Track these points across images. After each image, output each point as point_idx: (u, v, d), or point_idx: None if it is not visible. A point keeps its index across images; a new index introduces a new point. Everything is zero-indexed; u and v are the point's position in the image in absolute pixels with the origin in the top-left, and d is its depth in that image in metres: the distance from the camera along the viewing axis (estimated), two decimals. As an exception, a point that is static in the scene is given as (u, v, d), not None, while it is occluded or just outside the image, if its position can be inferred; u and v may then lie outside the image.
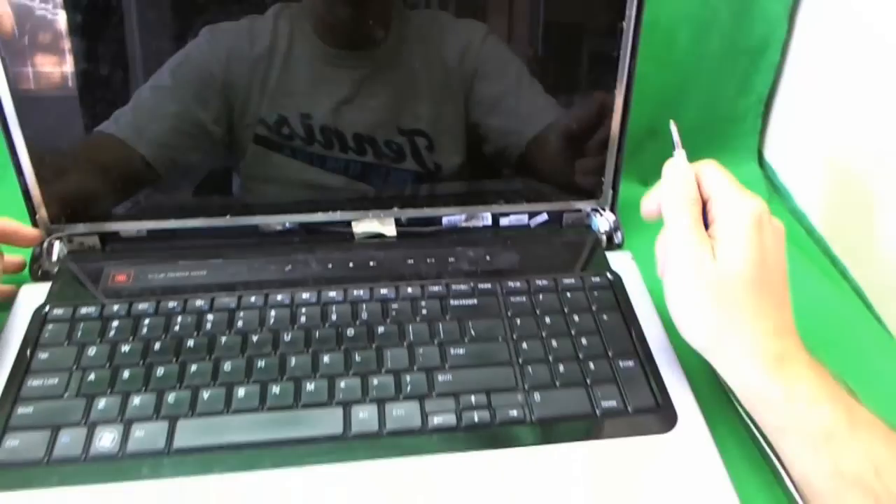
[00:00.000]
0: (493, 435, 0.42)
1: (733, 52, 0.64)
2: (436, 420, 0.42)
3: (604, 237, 0.58)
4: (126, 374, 0.44)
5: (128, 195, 0.54)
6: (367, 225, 0.57)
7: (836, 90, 0.60)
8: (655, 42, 0.60)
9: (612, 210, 0.58)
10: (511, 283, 0.52)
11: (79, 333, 0.47)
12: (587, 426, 0.43)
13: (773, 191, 0.68)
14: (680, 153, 0.45)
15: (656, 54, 0.61)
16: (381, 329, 0.48)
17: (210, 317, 0.48)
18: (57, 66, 0.49)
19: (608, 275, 0.53)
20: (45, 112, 0.50)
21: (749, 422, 0.45)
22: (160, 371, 0.44)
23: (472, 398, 0.43)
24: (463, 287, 0.51)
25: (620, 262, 0.55)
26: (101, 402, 0.43)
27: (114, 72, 0.50)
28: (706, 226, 0.42)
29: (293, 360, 0.45)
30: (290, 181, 0.56)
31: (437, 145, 0.55)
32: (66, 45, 0.48)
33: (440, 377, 0.44)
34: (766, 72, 0.65)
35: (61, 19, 0.48)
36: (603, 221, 0.58)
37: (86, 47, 0.49)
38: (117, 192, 0.54)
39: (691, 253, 0.41)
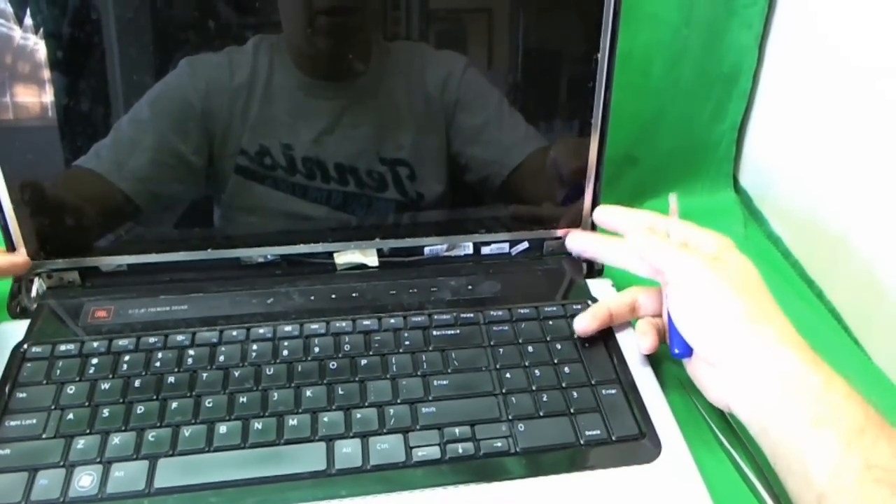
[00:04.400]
0: (478, 467, 0.42)
1: (706, 80, 0.66)
2: (420, 453, 0.42)
3: (584, 264, 0.58)
4: (105, 412, 0.44)
5: (108, 229, 0.54)
6: (349, 256, 0.57)
7: (808, 115, 0.61)
8: (630, 71, 0.61)
9: (592, 237, 0.59)
10: (493, 312, 0.52)
11: (58, 371, 0.46)
12: (572, 456, 0.43)
13: (749, 216, 0.69)
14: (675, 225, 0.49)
15: (632, 83, 0.62)
16: (363, 361, 0.48)
17: (191, 352, 0.48)
18: (36, 98, 0.49)
19: (589, 302, 0.53)
20: (23, 146, 0.50)
21: (731, 448, 0.45)
22: (140, 409, 0.44)
23: (457, 430, 0.43)
24: (445, 317, 0.51)
25: (601, 289, 0.56)
26: (80, 442, 0.42)
27: (93, 105, 0.50)
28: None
29: (275, 395, 0.45)
30: (271, 211, 0.56)
31: (419, 174, 0.56)
32: (46, 77, 0.48)
33: (424, 409, 0.44)
34: (738, 99, 0.67)
35: (41, 52, 0.48)
36: (583, 249, 0.58)
37: (66, 80, 0.49)
38: (97, 227, 0.54)
39: (694, 261, 0.44)
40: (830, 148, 0.59)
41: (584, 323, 0.49)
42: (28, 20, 0.47)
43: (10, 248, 0.52)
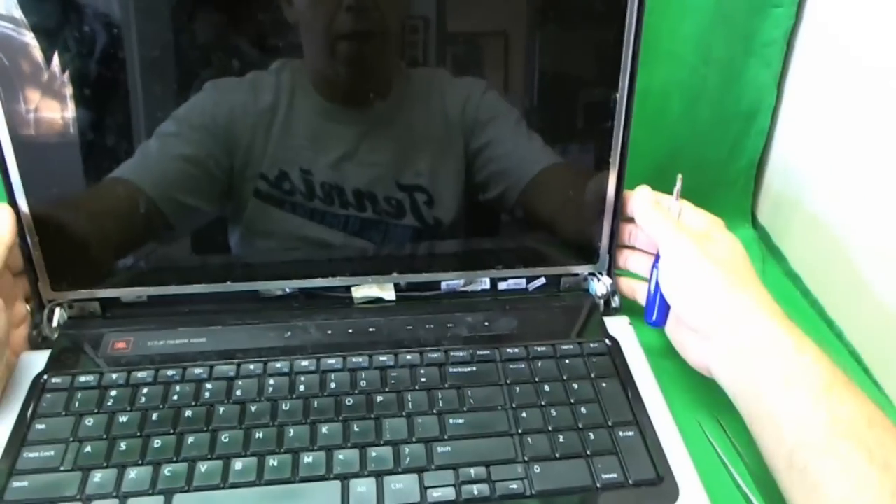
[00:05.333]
0: (493, 509, 0.42)
1: (724, 118, 0.66)
2: (435, 494, 0.42)
3: (601, 302, 0.58)
4: (123, 445, 0.44)
5: (131, 248, 0.54)
6: (367, 290, 0.57)
7: (827, 153, 0.61)
8: (648, 109, 0.62)
9: (609, 274, 0.59)
10: (509, 350, 0.52)
11: (76, 403, 0.47)
12: (588, 500, 0.43)
13: (768, 253, 0.69)
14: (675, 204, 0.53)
15: (649, 120, 0.62)
16: (379, 398, 0.48)
17: (209, 386, 0.48)
18: (62, 120, 0.49)
19: (606, 340, 0.53)
20: (48, 179, 0.51)
21: (749, 492, 0.45)
22: (157, 443, 0.44)
23: (472, 471, 0.43)
24: (462, 354, 0.51)
25: (618, 327, 0.55)
26: (98, 476, 0.42)
27: (119, 125, 0.51)
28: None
29: (291, 431, 0.45)
30: (289, 237, 0.56)
31: (437, 201, 0.56)
32: (71, 106, 0.49)
33: (439, 448, 0.44)
34: (756, 137, 0.67)
35: (67, 76, 0.48)
36: (600, 286, 0.58)
37: (92, 102, 0.49)
38: (120, 249, 0.54)
39: (682, 237, 0.49)
40: (849, 186, 0.59)
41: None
42: (58, 41, 0.47)
43: (34, 278, 0.53)
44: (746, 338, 0.44)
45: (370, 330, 0.54)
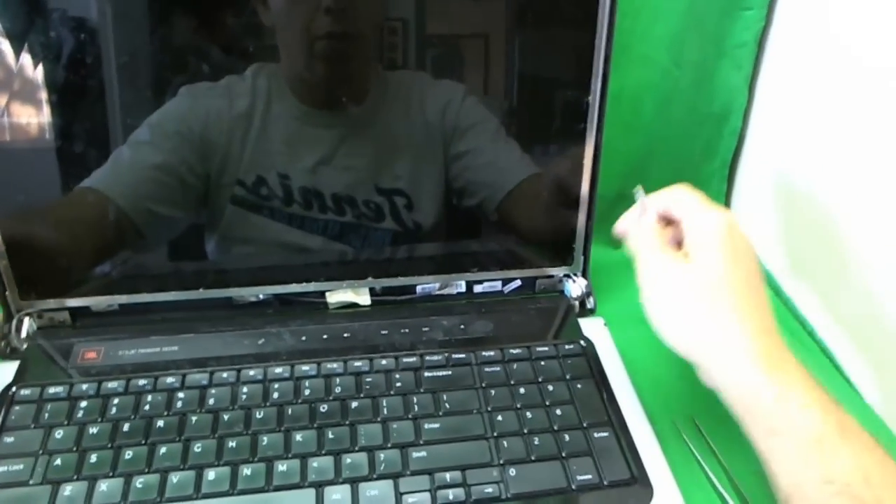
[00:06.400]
0: (468, 514, 0.42)
1: (697, 119, 0.66)
2: (410, 500, 0.42)
3: (576, 303, 0.58)
4: (94, 457, 0.44)
5: (103, 258, 0.53)
6: (342, 295, 0.57)
7: (799, 153, 0.62)
8: (622, 110, 0.62)
9: (584, 275, 0.59)
10: (485, 353, 0.52)
11: (46, 415, 0.46)
12: (563, 501, 0.43)
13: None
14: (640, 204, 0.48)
15: (623, 122, 0.63)
16: (354, 404, 0.47)
17: (181, 395, 0.48)
18: (34, 125, 0.49)
19: (581, 342, 0.53)
20: (17, 187, 0.50)
21: (723, 490, 0.45)
22: (128, 454, 0.44)
23: (448, 475, 0.43)
24: (437, 358, 0.51)
25: (593, 328, 0.56)
26: (68, 489, 0.42)
27: (93, 131, 0.50)
28: (680, 245, 0.44)
29: (265, 440, 0.45)
30: (267, 242, 0.56)
31: (416, 204, 0.56)
32: (45, 103, 0.48)
33: (414, 454, 0.44)
34: (729, 137, 0.67)
35: (40, 80, 0.48)
36: (575, 287, 0.59)
37: (65, 107, 0.49)
38: (91, 258, 0.53)
39: (664, 261, 0.43)
40: (821, 185, 0.59)
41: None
42: (28, 45, 0.47)
43: (1, 288, 0.52)
44: (727, 383, 0.40)
45: (345, 335, 0.53)
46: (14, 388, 0.48)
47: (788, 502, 0.37)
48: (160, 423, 0.46)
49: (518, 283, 0.60)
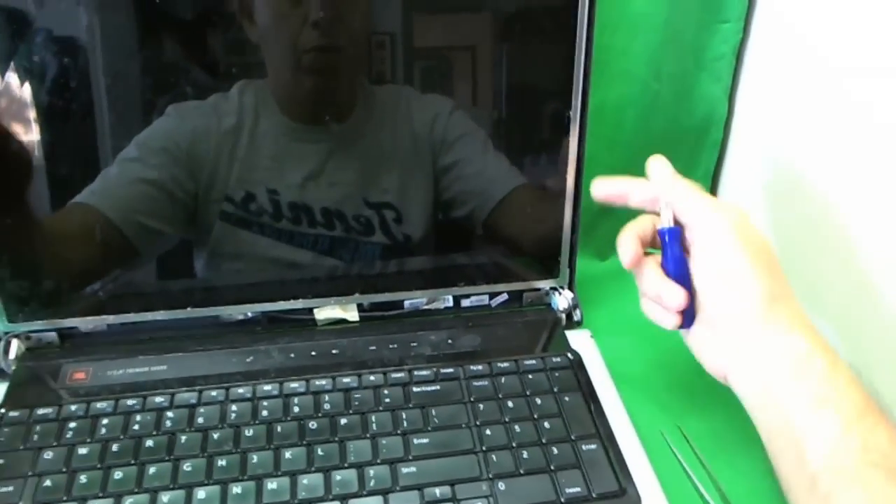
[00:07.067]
0: (458, 529, 0.42)
1: (678, 131, 0.67)
2: (400, 516, 0.42)
3: (563, 316, 0.59)
4: (83, 478, 0.44)
5: (93, 274, 0.53)
6: (330, 311, 0.57)
7: (779, 162, 0.63)
8: (604, 124, 0.63)
9: (571, 288, 0.60)
10: (473, 367, 0.52)
11: (35, 437, 0.46)
12: (552, 515, 0.43)
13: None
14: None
15: (605, 135, 0.64)
16: (343, 420, 0.48)
17: (170, 414, 0.48)
18: (20, 152, 0.49)
19: (568, 354, 0.54)
20: (6, 207, 0.50)
21: (711, 500, 0.45)
22: (118, 474, 0.44)
23: (437, 490, 0.43)
24: (425, 373, 0.51)
25: (580, 340, 0.56)
26: (57, 511, 0.42)
27: (81, 150, 0.50)
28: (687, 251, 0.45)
29: (254, 458, 0.45)
30: (256, 258, 0.56)
31: (405, 217, 0.56)
32: (30, 131, 0.48)
33: (404, 469, 0.44)
34: (710, 149, 0.68)
35: (28, 98, 0.48)
36: (562, 300, 0.59)
37: (53, 126, 0.49)
38: (82, 274, 0.53)
39: (722, 219, 0.43)
40: (802, 193, 0.60)
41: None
42: (15, 64, 0.47)
43: (-12, 310, 0.52)
44: (779, 353, 0.40)
45: (333, 352, 0.54)
46: (3, 411, 0.48)
47: (816, 480, 0.37)
48: (149, 442, 0.46)
49: (505, 296, 0.60)
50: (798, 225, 0.61)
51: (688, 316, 0.45)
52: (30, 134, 0.49)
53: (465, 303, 0.60)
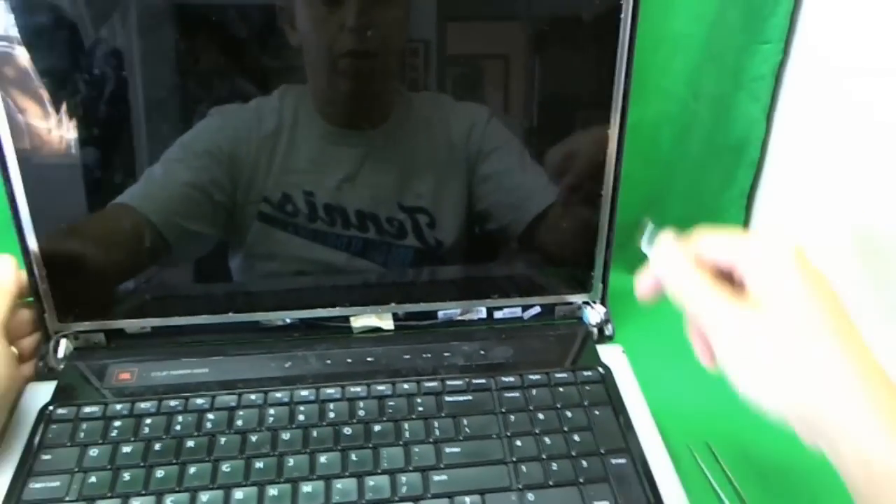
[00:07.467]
0: (487, 538, 0.43)
1: (715, 149, 0.67)
2: (430, 524, 0.43)
3: (595, 330, 0.59)
4: (127, 476, 0.45)
5: (136, 276, 0.55)
6: (366, 320, 0.58)
7: (815, 183, 0.63)
8: (641, 141, 0.63)
9: (603, 303, 0.60)
10: (505, 379, 0.53)
11: (81, 434, 0.48)
12: (580, 527, 0.43)
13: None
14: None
15: (642, 152, 0.64)
16: (377, 427, 0.49)
17: (210, 416, 0.49)
18: (68, 159, 0.51)
19: (599, 369, 0.54)
20: (56, 212, 0.52)
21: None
22: (160, 473, 0.45)
23: (467, 499, 0.44)
24: (458, 383, 0.52)
25: (611, 355, 0.56)
26: (102, 506, 0.43)
27: (124, 152, 0.52)
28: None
29: (291, 461, 0.46)
30: (292, 259, 0.57)
31: (439, 223, 0.57)
32: (78, 137, 0.50)
33: (435, 477, 0.45)
34: (747, 168, 0.68)
35: (73, 114, 0.50)
36: (594, 314, 0.60)
37: (98, 130, 0.51)
38: (127, 275, 0.55)
39: (740, 315, 0.36)
40: (838, 214, 0.60)
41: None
42: (66, 72, 0.49)
43: (41, 310, 0.54)
44: (845, 446, 0.33)
45: (368, 359, 0.55)
46: (51, 408, 0.50)
47: None
48: (190, 443, 0.47)
49: (538, 309, 0.61)
50: (835, 247, 0.60)
51: None
52: (76, 139, 0.50)
53: (497, 314, 0.61)
